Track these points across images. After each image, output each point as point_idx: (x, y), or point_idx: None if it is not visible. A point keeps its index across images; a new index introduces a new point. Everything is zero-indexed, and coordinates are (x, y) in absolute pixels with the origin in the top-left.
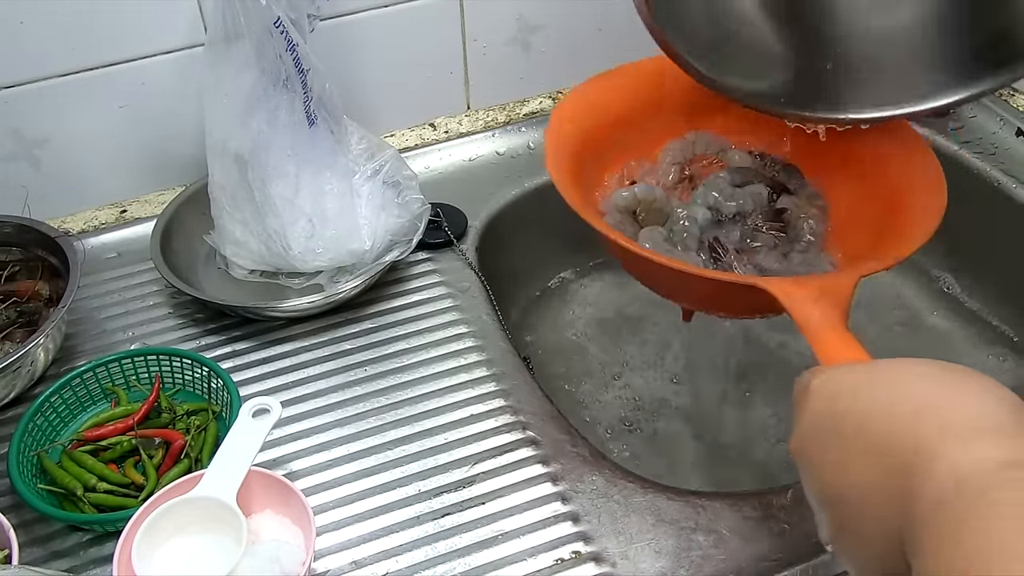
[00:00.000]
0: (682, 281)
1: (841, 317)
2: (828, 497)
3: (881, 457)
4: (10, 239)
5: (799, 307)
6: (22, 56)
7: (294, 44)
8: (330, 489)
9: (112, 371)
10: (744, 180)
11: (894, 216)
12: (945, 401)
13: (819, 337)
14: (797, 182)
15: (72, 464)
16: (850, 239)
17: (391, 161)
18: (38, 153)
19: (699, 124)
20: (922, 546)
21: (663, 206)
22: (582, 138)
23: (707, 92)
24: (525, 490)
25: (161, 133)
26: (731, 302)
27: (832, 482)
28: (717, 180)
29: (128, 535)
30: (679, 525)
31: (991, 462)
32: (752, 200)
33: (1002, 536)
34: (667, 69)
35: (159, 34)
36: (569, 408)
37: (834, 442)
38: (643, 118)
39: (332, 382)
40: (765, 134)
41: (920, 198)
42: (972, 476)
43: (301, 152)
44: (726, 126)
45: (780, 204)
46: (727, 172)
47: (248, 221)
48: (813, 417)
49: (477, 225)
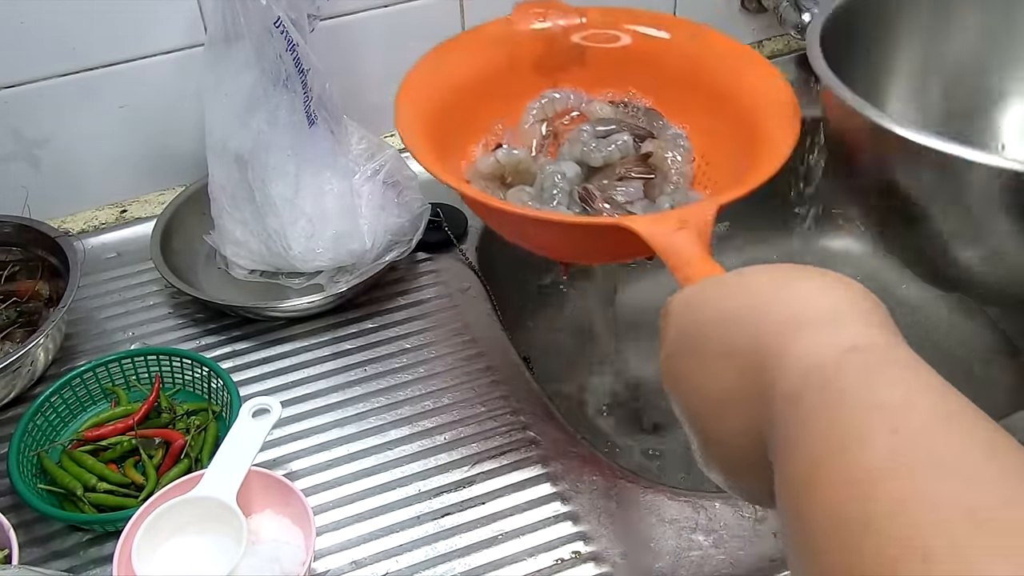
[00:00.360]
0: (547, 231)
1: (703, 246)
2: (693, 411)
3: (736, 359)
4: (10, 239)
5: (660, 240)
6: (22, 56)
7: (294, 44)
8: (330, 489)
9: (112, 371)
10: (608, 131)
11: (753, 147)
12: (790, 296)
13: (682, 266)
14: (660, 125)
15: (72, 464)
16: (716, 175)
17: (391, 161)
18: (38, 153)
19: (555, 81)
20: (777, 445)
21: (529, 166)
22: (437, 109)
23: (558, 47)
24: (525, 490)
25: (161, 133)
26: (600, 247)
27: (695, 394)
28: (581, 133)
29: (128, 535)
30: (679, 525)
31: (834, 349)
32: (618, 149)
33: (847, 425)
34: (512, 27)
35: (159, 34)
36: (569, 408)
37: (695, 354)
38: (497, 83)
39: (332, 382)
40: (623, 83)
41: (775, 127)
42: (817, 367)
43: (301, 152)
44: (582, 79)
45: (645, 149)
46: (590, 124)
47: (248, 221)
48: (674, 335)
49: (477, 225)
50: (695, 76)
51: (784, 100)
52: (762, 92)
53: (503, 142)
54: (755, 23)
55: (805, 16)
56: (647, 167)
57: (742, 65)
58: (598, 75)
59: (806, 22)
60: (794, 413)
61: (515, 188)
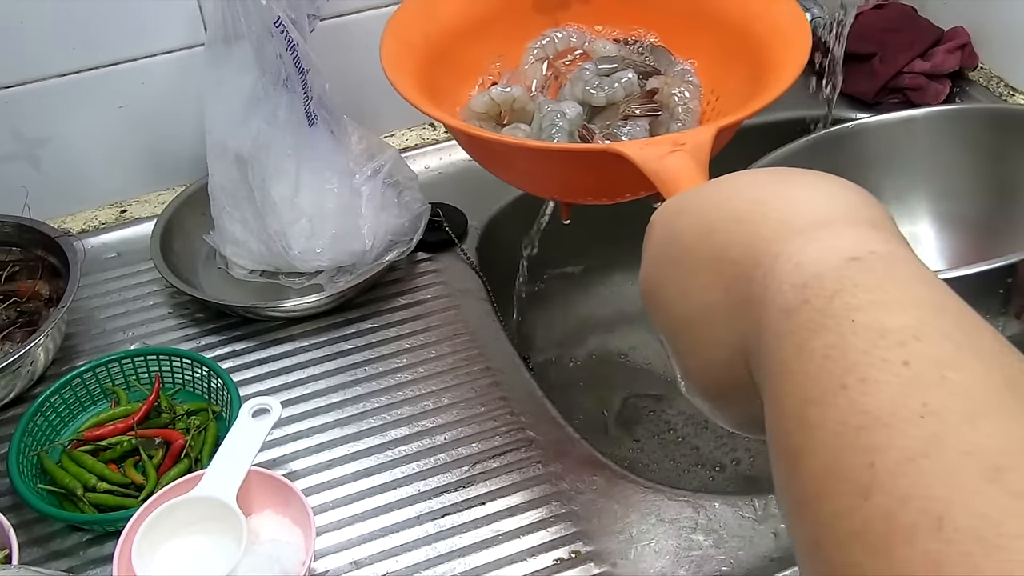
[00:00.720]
0: (537, 162)
1: (699, 168)
2: (671, 326)
3: (720, 267)
4: (10, 239)
5: (652, 164)
6: (22, 56)
7: (294, 44)
8: (330, 489)
9: (112, 371)
10: (612, 69)
11: (761, 75)
12: (781, 197)
13: (674, 188)
14: (667, 62)
15: (72, 464)
16: (726, 108)
17: (391, 161)
18: (38, 153)
19: (556, 20)
20: (766, 367)
21: (525, 104)
22: (428, 49)
23: None
24: (525, 490)
25: (161, 133)
26: (594, 178)
27: (675, 306)
28: (584, 72)
29: (128, 535)
30: (679, 525)
31: (836, 256)
32: (622, 87)
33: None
34: None
35: (159, 34)
36: (569, 408)
37: (673, 264)
38: (494, 23)
39: (332, 382)
40: (627, 19)
41: (782, 51)
42: (815, 277)
43: (301, 152)
44: (584, 16)
45: (650, 86)
46: (593, 63)
47: (248, 221)
48: (654, 247)
49: (477, 225)
50: (702, 8)
51: (793, 23)
52: (769, 17)
53: (500, 84)
54: None
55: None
56: (653, 104)
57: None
58: (601, 11)
59: None
60: (787, 330)
61: (510, 126)
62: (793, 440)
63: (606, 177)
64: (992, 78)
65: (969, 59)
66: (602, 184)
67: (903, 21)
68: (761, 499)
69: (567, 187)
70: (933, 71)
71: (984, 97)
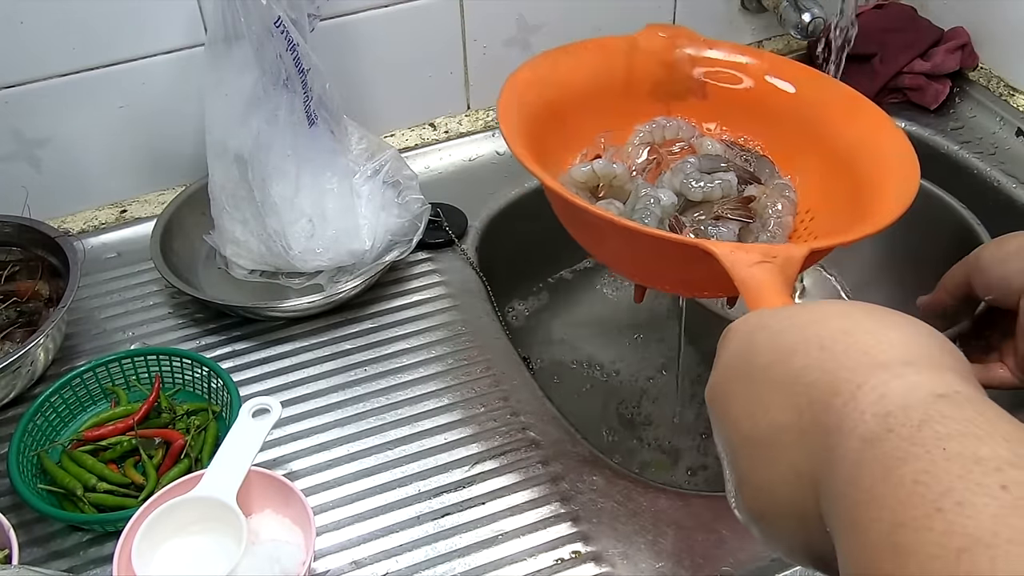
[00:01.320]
0: (625, 241)
1: (786, 283)
2: (736, 441)
3: (795, 390)
4: (10, 239)
5: (740, 270)
6: (22, 56)
7: (294, 44)
8: (330, 489)
9: (112, 371)
10: (713, 167)
11: (864, 202)
12: (868, 331)
13: (757, 298)
14: (768, 173)
15: (72, 464)
16: (818, 230)
17: (391, 161)
18: (38, 153)
19: (671, 109)
20: (853, 490)
21: (624, 183)
22: (542, 110)
23: (678, 76)
24: (525, 490)
25: (161, 133)
26: (677, 269)
27: (742, 424)
28: (686, 164)
29: (128, 535)
30: (679, 525)
31: (921, 392)
32: (720, 188)
33: (943, 479)
34: (636, 48)
35: (159, 34)
36: (569, 408)
37: (746, 379)
38: (610, 99)
39: (332, 382)
40: (738, 123)
41: (890, 184)
42: (901, 410)
43: (301, 152)
44: (698, 111)
45: (748, 192)
46: (697, 158)
47: (248, 221)
48: (728, 358)
49: (477, 225)
50: (814, 130)
51: (900, 156)
52: (876, 146)
53: (604, 158)
54: (755, 23)
55: (805, 16)
56: (746, 211)
57: (861, 118)
58: (714, 110)
59: (806, 22)
60: (870, 458)
61: (605, 200)
62: (883, 567)
63: (688, 271)
64: (992, 78)
65: (969, 59)
66: (682, 276)
67: (903, 21)
68: None
69: (648, 272)
70: (933, 71)
71: (984, 97)
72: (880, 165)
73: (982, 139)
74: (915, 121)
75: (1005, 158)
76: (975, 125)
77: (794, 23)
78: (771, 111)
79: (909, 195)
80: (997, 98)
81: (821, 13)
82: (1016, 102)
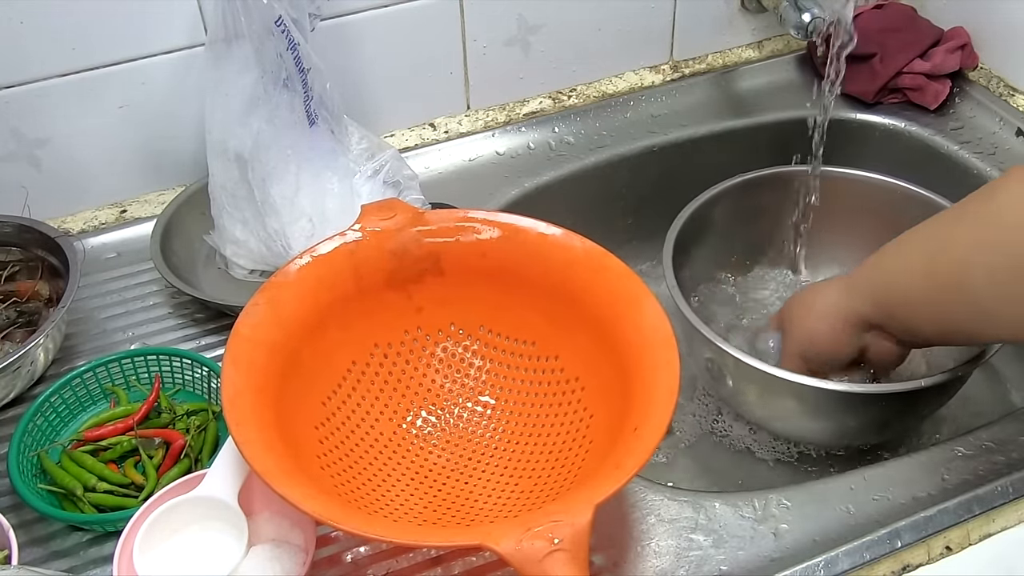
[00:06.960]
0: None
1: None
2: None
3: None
4: (10, 239)
5: (531, 570)
6: (22, 56)
7: (295, 43)
8: None
9: (112, 371)
10: None
11: (630, 374)
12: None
13: None
14: None
15: (72, 464)
16: (591, 403)
17: (391, 161)
18: (38, 153)
19: (411, 293)
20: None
21: None
22: (273, 370)
23: (408, 259)
24: None
25: (161, 133)
26: None
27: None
28: None
29: (128, 535)
30: (679, 525)
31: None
32: None
33: None
34: (359, 248)
35: (159, 34)
36: None
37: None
38: (345, 308)
39: None
40: (482, 292)
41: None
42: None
43: (301, 152)
44: (439, 296)
45: None
46: None
47: (248, 221)
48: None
49: None
50: (563, 289)
51: (663, 337)
52: (632, 316)
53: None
54: (755, 23)
55: (805, 16)
56: None
57: (608, 277)
58: (456, 285)
59: (806, 22)
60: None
61: None
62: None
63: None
64: (992, 78)
65: (969, 59)
66: None
67: (903, 21)
68: (761, 499)
69: None
70: (933, 71)
71: (984, 97)
72: (636, 338)
73: (982, 139)
74: (915, 121)
75: (1005, 158)
76: (975, 125)
77: (794, 23)
78: (510, 273)
79: (673, 380)
80: (997, 98)
81: (821, 13)
82: (1016, 102)
